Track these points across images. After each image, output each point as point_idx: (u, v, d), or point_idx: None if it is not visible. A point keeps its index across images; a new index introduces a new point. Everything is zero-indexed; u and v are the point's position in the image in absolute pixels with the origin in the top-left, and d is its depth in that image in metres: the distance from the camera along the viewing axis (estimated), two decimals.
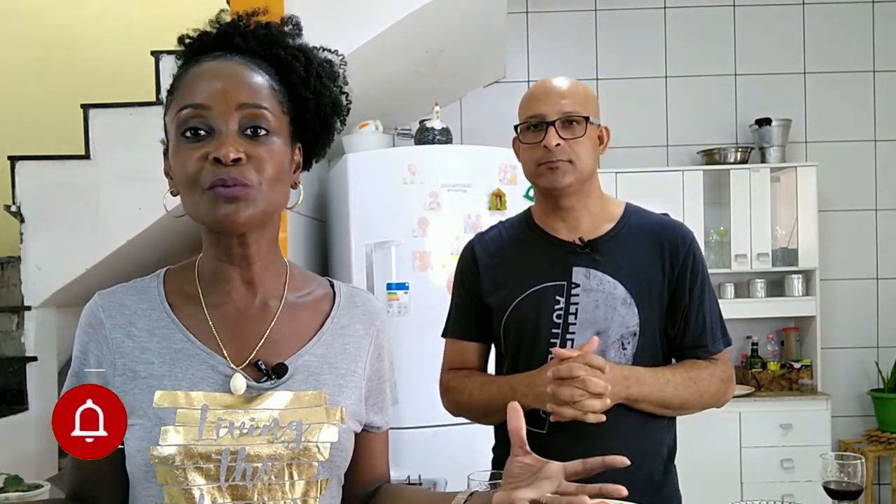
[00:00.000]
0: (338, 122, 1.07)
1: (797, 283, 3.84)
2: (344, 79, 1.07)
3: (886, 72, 4.08)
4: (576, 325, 1.49)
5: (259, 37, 1.00)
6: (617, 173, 3.70)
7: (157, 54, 2.81)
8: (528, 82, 4.11)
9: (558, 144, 1.46)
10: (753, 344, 3.95)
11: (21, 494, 1.82)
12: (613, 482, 0.89)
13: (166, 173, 1.01)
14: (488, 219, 2.99)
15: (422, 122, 3.28)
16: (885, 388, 3.82)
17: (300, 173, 1.05)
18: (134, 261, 2.85)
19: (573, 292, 1.50)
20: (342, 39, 2.63)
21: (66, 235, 2.68)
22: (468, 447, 2.86)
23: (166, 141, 1.00)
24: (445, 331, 1.67)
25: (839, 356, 4.04)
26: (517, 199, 3.05)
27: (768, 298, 3.88)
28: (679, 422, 1.59)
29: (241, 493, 0.93)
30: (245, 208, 0.92)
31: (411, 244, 2.95)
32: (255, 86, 0.96)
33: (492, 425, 1.63)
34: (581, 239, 1.52)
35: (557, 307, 1.50)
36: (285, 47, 1.01)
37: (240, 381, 0.95)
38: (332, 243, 3.39)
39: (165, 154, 1.01)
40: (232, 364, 0.97)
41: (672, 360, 1.59)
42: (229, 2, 2.78)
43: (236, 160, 0.91)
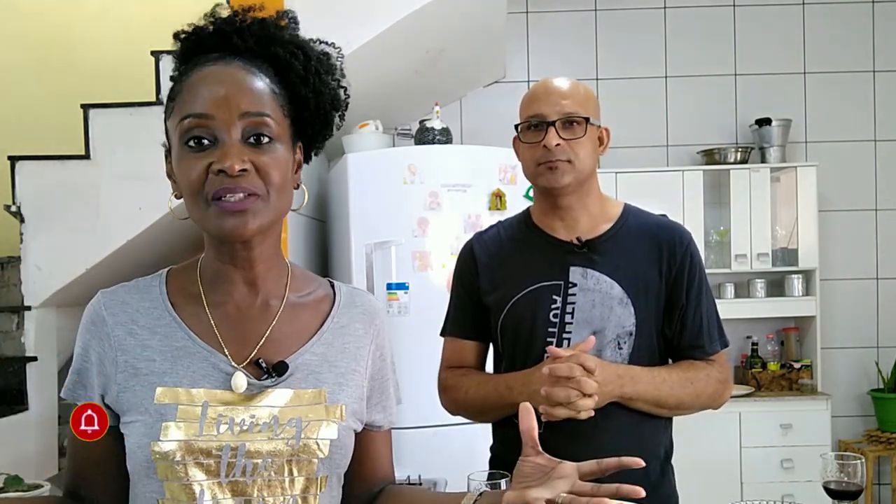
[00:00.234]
0: (337, 117, 1.07)
1: (797, 283, 3.84)
2: (341, 71, 1.07)
3: (886, 72, 4.08)
4: (572, 324, 1.49)
5: (256, 34, 0.99)
6: (617, 173, 3.70)
7: (157, 54, 2.81)
8: (528, 82, 4.11)
9: (558, 144, 1.47)
10: (753, 344, 3.95)
11: (21, 494, 1.82)
12: (612, 482, 0.89)
13: (169, 175, 1.01)
14: (488, 219, 2.99)
15: (422, 122, 3.29)
16: (885, 388, 3.82)
17: (300, 173, 1.05)
18: (134, 261, 2.85)
19: (570, 292, 1.50)
20: (342, 39, 2.62)
21: (66, 235, 2.68)
22: (468, 447, 2.86)
23: (168, 144, 1.00)
24: (444, 329, 1.68)
25: (839, 356, 4.04)
26: (517, 199, 3.05)
27: (768, 298, 3.88)
28: (679, 421, 1.59)
29: (241, 489, 0.94)
30: (253, 220, 0.93)
31: (411, 244, 2.96)
32: (257, 92, 0.96)
33: (489, 423, 1.64)
34: (579, 238, 1.53)
35: (554, 306, 1.50)
36: (283, 45, 1.00)
37: (241, 379, 0.96)
38: (332, 243, 3.39)
39: (167, 156, 1.01)
40: (233, 362, 0.98)
41: (668, 360, 1.59)
42: (229, 2, 2.78)
43: (242, 171, 0.92)
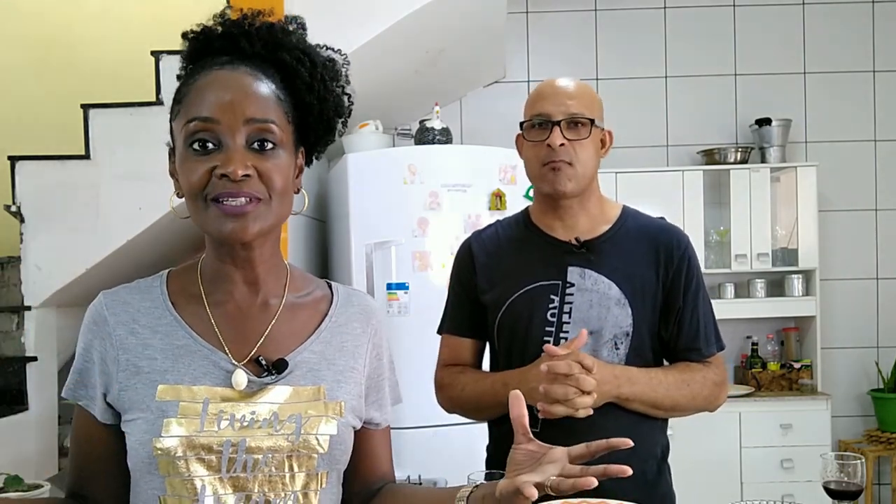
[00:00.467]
0: (339, 124, 1.09)
1: (797, 283, 3.85)
2: (346, 78, 1.08)
3: (886, 72, 4.08)
4: (569, 324, 1.49)
5: (264, 38, 1.00)
6: (617, 173, 3.70)
7: (157, 54, 2.81)
8: (528, 82, 4.11)
9: (562, 144, 1.47)
10: (753, 344, 3.95)
11: (21, 494, 1.82)
12: (601, 483, 0.90)
13: (171, 174, 1.02)
14: (488, 219, 2.97)
15: (422, 122, 3.29)
16: (885, 388, 3.82)
17: (301, 178, 1.06)
18: (134, 261, 2.85)
19: (568, 291, 1.50)
20: (342, 39, 2.62)
21: (66, 235, 2.68)
22: (468, 447, 2.85)
23: (172, 144, 1.01)
24: (441, 327, 1.68)
25: (839, 356, 4.04)
26: (517, 199, 3.05)
27: (768, 298, 3.88)
28: (679, 422, 1.59)
29: (242, 485, 0.95)
30: (253, 224, 0.95)
31: (411, 244, 2.95)
32: (263, 99, 0.97)
33: (485, 421, 1.64)
34: (577, 239, 1.53)
35: (552, 306, 1.50)
36: (290, 50, 1.01)
37: (241, 377, 0.97)
38: (332, 243, 3.39)
39: (170, 156, 1.02)
40: (233, 360, 0.99)
41: (664, 362, 1.59)
42: (229, 1, 2.78)
43: (245, 176, 0.93)
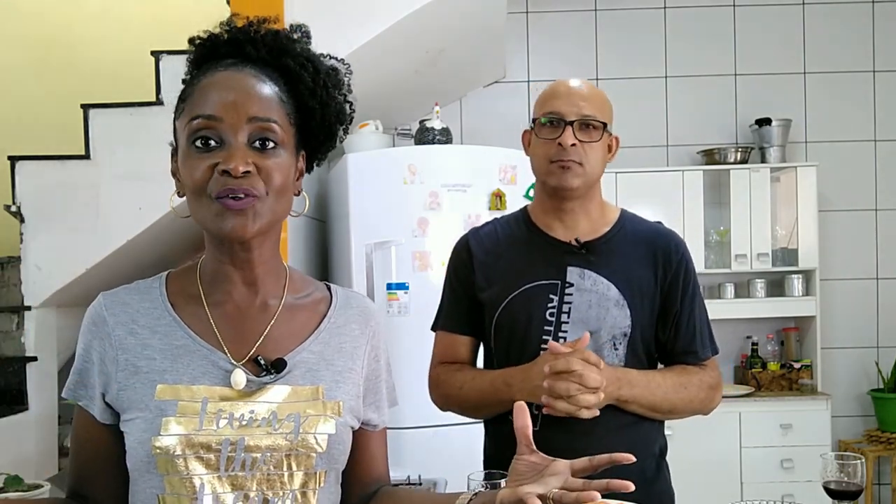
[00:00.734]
0: (341, 130, 1.10)
1: (797, 283, 3.84)
2: (348, 86, 1.10)
3: (886, 72, 4.08)
4: (568, 323, 1.49)
5: (269, 45, 1.02)
6: (617, 173, 3.70)
7: (157, 54, 2.81)
8: (528, 82, 4.11)
9: (573, 144, 1.48)
10: (753, 344, 3.95)
11: (21, 494, 1.82)
12: (608, 477, 0.90)
13: (173, 174, 1.03)
14: (488, 219, 2.96)
15: (422, 122, 3.29)
16: (885, 388, 3.82)
17: (301, 181, 1.07)
18: (134, 261, 2.86)
19: (567, 291, 1.50)
20: (342, 39, 2.64)
21: (66, 235, 2.68)
22: (468, 447, 2.85)
23: (175, 143, 1.02)
24: (436, 324, 1.66)
25: (839, 356, 4.04)
26: (517, 199, 3.05)
27: (768, 298, 3.88)
28: (679, 422, 1.60)
29: (240, 483, 0.95)
30: (253, 222, 0.95)
31: (411, 244, 2.95)
32: (266, 99, 0.98)
33: (481, 419, 1.63)
34: (577, 239, 1.54)
35: (550, 305, 1.50)
36: (294, 56, 1.03)
37: (240, 377, 0.98)
38: (332, 243, 3.39)
39: (173, 155, 1.03)
40: (232, 360, 0.99)
41: (658, 364, 1.60)
42: (229, 2, 2.78)
43: (245, 172, 0.94)
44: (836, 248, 4.03)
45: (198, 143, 0.96)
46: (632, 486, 0.90)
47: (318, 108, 1.05)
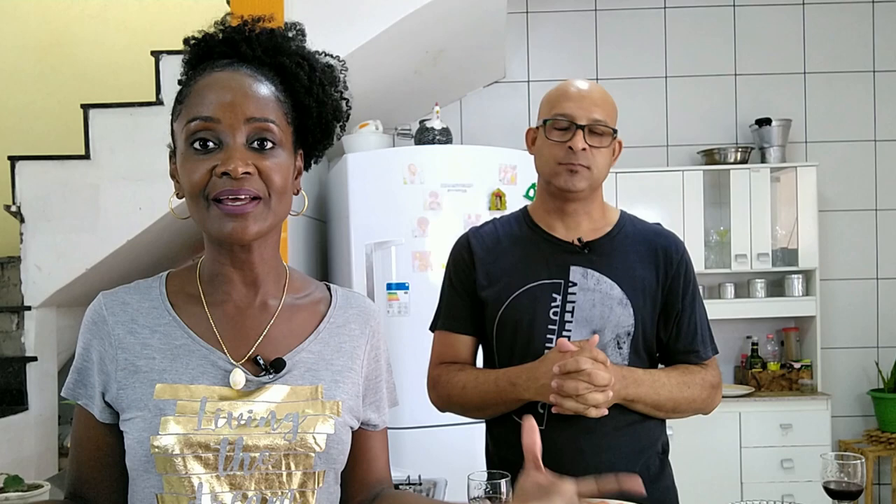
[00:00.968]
0: (338, 128, 1.10)
1: (797, 283, 3.84)
2: (344, 83, 1.09)
3: (886, 72, 4.08)
4: (572, 322, 1.49)
5: (264, 44, 1.02)
6: (617, 173, 3.69)
7: (157, 54, 2.81)
8: (528, 82, 4.11)
9: (584, 149, 1.48)
10: (753, 344, 3.95)
11: (21, 494, 1.82)
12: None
13: (172, 175, 1.03)
14: (488, 219, 2.98)
15: (422, 122, 3.29)
16: (885, 388, 3.82)
17: (300, 179, 1.07)
18: (134, 261, 2.86)
19: (570, 290, 1.51)
20: (342, 39, 2.64)
21: (66, 235, 2.68)
22: (468, 447, 2.86)
23: (173, 146, 1.02)
24: (434, 324, 1.65)
25: (839, 356, 4.04)
26: (517, 199, 3.05)
27: (768, 298, 3.88)
28: (679, 421, 1.60)
29: (239, 483, 0.95)
30: (254, 224, 0.95)
31: (411, 244, 2.96)
32: (263, 99, 0.98)
33: (484, 419, 1.63)
34: (580, 239, 1.54)
35: (554, 304, 1.50)
36: (290, 55, 1.03)
37: (239, 377, 0.98)
38: (332, 243, 3.39)
39: (171, 157, 1.03)
40: (231, 360, 0.99)
41: (659, 364, 1.60)
42: (229, 2, 2.78)
43: (245, 174, 0.93)
44: (836, 248, 4.04)
45: (196, 145, 0.95)
46: (643, 490, 0.92)
47: (315, 106, 1.05)
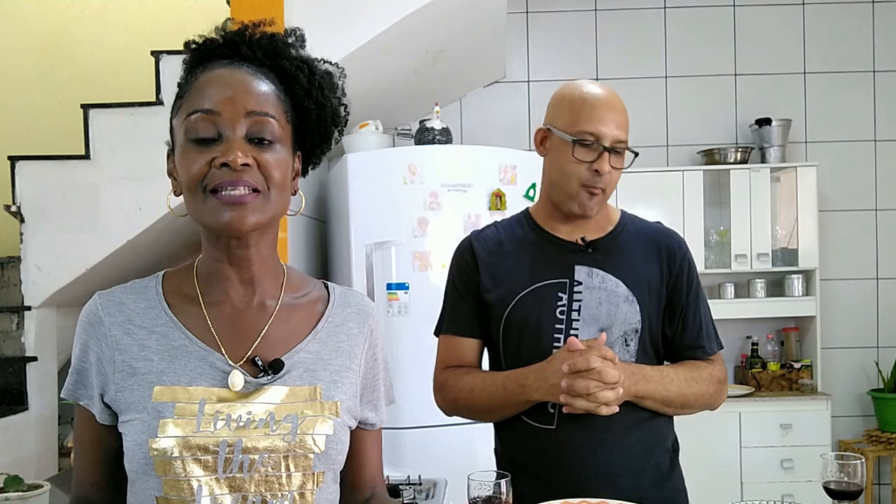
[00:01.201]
0: (336, 133, 1.11)
1: (797, 283, 3.84)
2: (343, 90, 1.10)
3: (886, 72, 4.08)
4: (579, 321, 1.49)
5: (264, 47, 1.03)
6: None
7: (157, 54, 2.81)
8: (528, 82, 4.11)
9: (608, 172, 1.49)
10: (753, 344, 3.95)
11: (21, 494, 1.82)
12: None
13: (169, 174, 1.03)
14: (488, 219, 2.96)
15: (422, 122, 3.29)
16: (885, 388, 3.82)
17: (298, 180, 1.07)
18: (134, 261, 2.86)
19: (576, 290, 1.51)
20: (342, 39, 2.64)
21: (66, 235, 2.68)
22: (468, 447, 2.86)
23: (171, 143, 1.02)
24: (439, 329, 1.65)
25: (839, 356, 4.04)
26: (517, 199, 3.05)
27: (768, 298, 3.88)
28: (679, 421, 1.60)
29: (238, 485, 0.95)
30: (252, 215, 0.95)
31: (411, 244, 2.96)
32: (263, 94, 0.99)
33: (491, 422, 1.62)
34: (583, 238, 1.55)
35: (560, 304, 1.50)
36: (289, 58, 1.04)
37: (237, 378, 0.98)
38: (332, 243, 3.39)
39: (169, 155, 1.03)
40: (230, 361, 0.99)
41: (665, 361, 1.60)
42: (229, 2, 2.78)
43: (245, 165, 0.93)
44: (836, 248, 4.03)
45: (195, 138, 0.95)
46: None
47: (314, 109, 1.05)
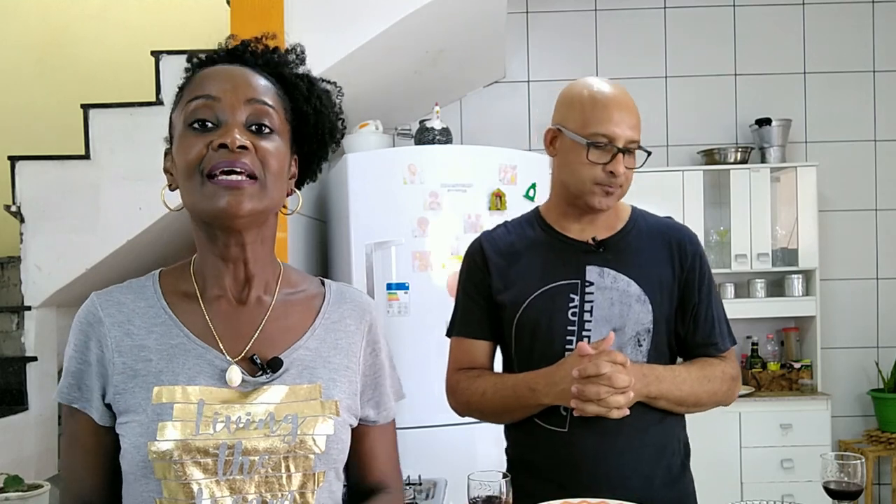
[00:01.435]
0: (332, 144, 1.12)
1: (797, 283, 3.84)
2: (340, 107, 1.12)
3: (886, 72, 4.08)
4: (591, 322, 1.49)
5: (266, 58, 1.05)
6: None
7: (157, 54, 2.81)
8: (528, 82, 4.11)
9: (623, 173, 1.48)
10: (753, 344, 3.95)
11: (21, 494, 1.82)
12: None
13: (166, 171, 1.03)
14: (488, 219, 2.99)
15: (422, 122, 3.28)
16: (885, 388, 3.82)
17: (293, 181, 1.08)
18: (134, 261, 2.85)
19: (588, 290, 1.50)
20: (342, 39, 2.64)
21: (66, 235, 2.68)
22: (468, 447, 2.86)
23: (170, 139, 1.02)
24: (451, 331, 1.64)
25: (839, 356, 4.04)
26: (517, 199, 3.05)
27: (768, 298, 3.88)
28: None
29: (238, 487, 0.95)
30: (248, 200, 0.95)
31: (411, 244, 2.95)
32: (263, 86, 1.00)
33: (504, 424, 1.62)
34: (594, 238, 1.54)
35: (572, 305, 1.50)
36: (290, 70, 1.06)
37: (235, 374, 0.97)
38: (332, 243, 3.39)
39: (167, 154, 1.03)
40: (228, 357, 0.99)
41: (678, 358, 1.59)
42: (229, 2, 2.78)
43: (242, 148, 0.94)
44: (836, 248, 4.03)
45: (195, 125, 0.96)
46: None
47: (312, 114, 1.06)
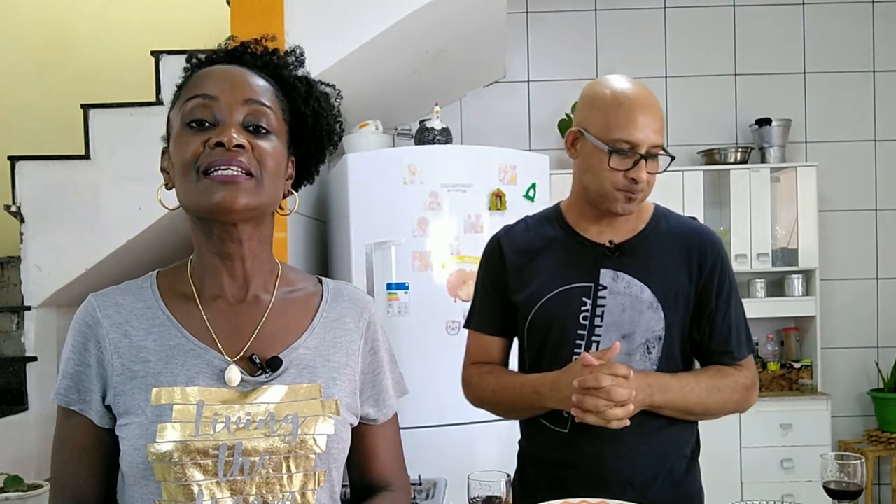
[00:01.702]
0: (330, 147, 1.12)
1: (797, 283, 3.84)
2: (338, 110, 1.12)
3: (886, 72, 4.08)
4: (601, 327, 1.47)
5: (265, 59, 1.05)
6: None
7: (157, 54, 2.81)
8: (528, 82, 4.11)
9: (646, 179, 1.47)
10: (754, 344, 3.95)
11: (21, 494, 1.83)
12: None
13: (163, 170, 1.04)
14: (488, 219, 2.99)
15: (422, 122, 3.28)
16: (885, 388, 3.82)
17: (290, 182, 1.08)
18: (134, 261, 2.85)
19: (600, 294, 1.49)
20: (343, 39, 2.63)
21: (66, 235, 2.68)
22: (468, 447, 2.86)
23: (167, 137, 1.03)
24: (469, 322, 1.66)
25: (839, 356, 4.04)
26: (517, 199, 3.05)
27: (768, 298, 3.88)
28: None
29: (239, 488, 0.94)
30: (243, 195, 0.94)
31: (411, 244, 2.95)
32: (262, 87, 1.01)
33: (516, 419, 1.64)
34: (611, 241, 1.52)
35: (584, 308, 1.49)
36: (289, 71, 1.07)
37: (234, 373, 0.97)
38: (332, 243, 3.39)
39: (164, 153, 1.04)
40: (227, 358, 0.99)
41: (694, 363, 1.57)
42: (229, 2, 2.78)
43: (239, 146, 0.94)
44: (836, 248, 4.03)
45: (192, 123, 0.96)
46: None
47: (310, 115, 1.06)
